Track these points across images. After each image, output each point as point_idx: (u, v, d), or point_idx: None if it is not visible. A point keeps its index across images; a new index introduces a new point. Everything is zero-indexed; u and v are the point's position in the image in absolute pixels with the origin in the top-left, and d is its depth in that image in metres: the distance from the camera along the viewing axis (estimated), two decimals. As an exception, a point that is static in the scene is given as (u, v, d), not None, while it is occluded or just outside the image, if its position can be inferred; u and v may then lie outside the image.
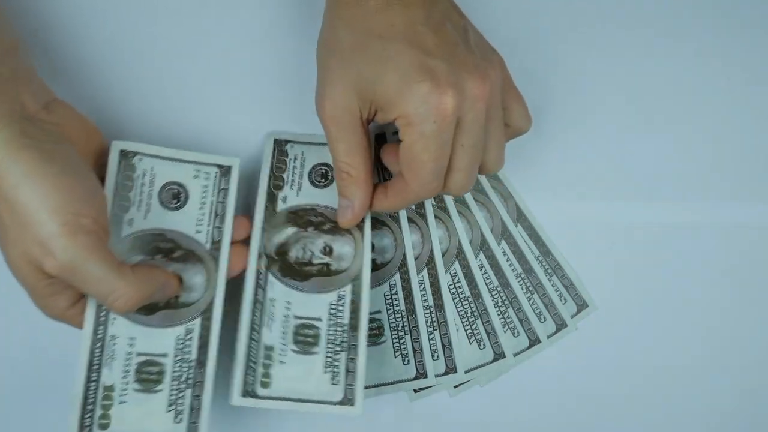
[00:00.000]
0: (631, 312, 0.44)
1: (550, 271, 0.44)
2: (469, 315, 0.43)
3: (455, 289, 0.43)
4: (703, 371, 0.44)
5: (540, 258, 0.44)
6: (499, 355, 0.43)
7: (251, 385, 0.37)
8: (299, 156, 0.41)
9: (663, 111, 0.45)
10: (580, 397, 0.44)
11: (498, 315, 0.43)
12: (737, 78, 0.46)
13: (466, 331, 0.43)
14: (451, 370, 0.42)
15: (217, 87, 0.43)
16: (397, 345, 0.42)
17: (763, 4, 0.46)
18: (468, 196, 0.44)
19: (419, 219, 0.43)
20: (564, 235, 0.45)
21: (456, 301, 0.43)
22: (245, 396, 0.37)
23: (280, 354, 0.38)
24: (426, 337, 0.42)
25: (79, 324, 0.35)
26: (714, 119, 0.46)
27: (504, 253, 0.44)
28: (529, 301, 0.44)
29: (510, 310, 0.44)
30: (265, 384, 0.37)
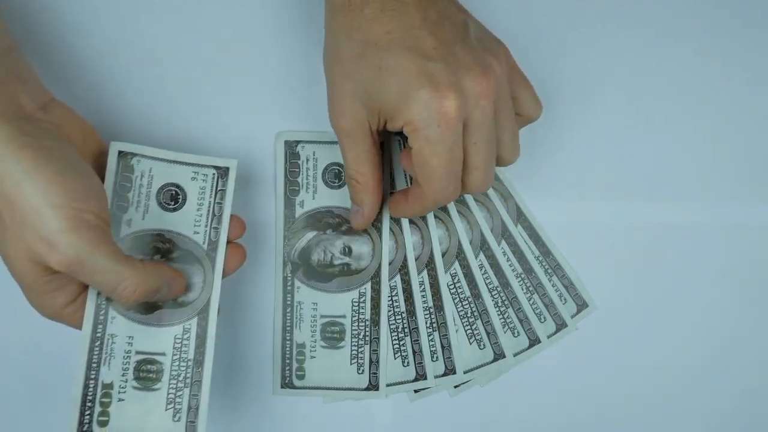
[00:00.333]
0: (631, 312, 0.44)
1: (550, 271, 0.44)
2: (469, 315, 0.43)
3: (455, 289, 0.43)
4: (703, 371, 0.44)
5: (540, 258, 0.44)
6: (499, 355, 0.43)
7: (288, 378, 0.41)
8: (311, 157, 0.43)
9: (663, 111, 0.45)
10: (580, 397, 0.44)
11: (498, 315, 0.43)
12: (737, 78, 0.46)
13: (466, 331, 0.43)
14: (450, 371, 0.42)
15: (215, 87, 0.44)
16: (397, 347, 0.42)
17: (763, 3, 0.46)
18: (468, 195, 0.44)
19: (419, 220, 0.43)
20: (564, 235, 0.45)
21: (456, 301, 0.43)
22: (284, 387, 0.41)
23: (311, 350, 0.42)
24: (426, 339, 0.42)
25: (75, 322, 0.36)
26: (714, 119, 0.46)
27: (504, 253, 0.44)
28: (529, 301, 0.44)
29: (510, 310, 0.44)
30: (300, 377, 0.41)
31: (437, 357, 0.42)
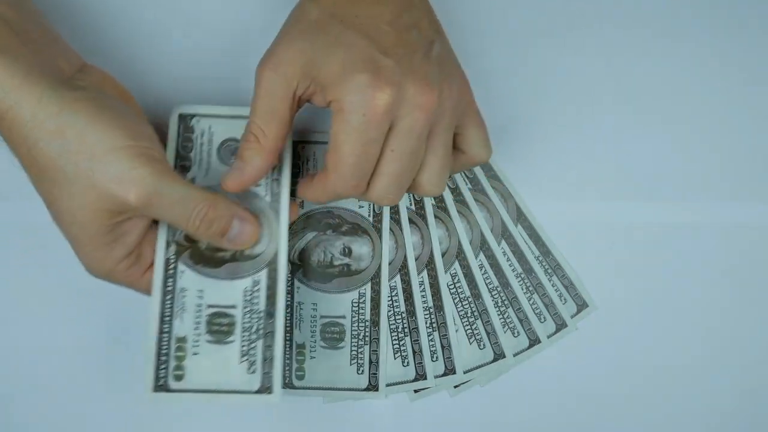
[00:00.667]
0: (631, 312, 0.44)
1: (550, 271, 0.44)
2: (469, 315, 0.43)
3: (455, 289, 0.43)
4: (703, 371, 0.44)
5: (540, 258, 0.44)
6: (499, 355, 0.43)
7: (288, 378, 0.41)
8: (311, 157, 0.43)
9: (663, 111, 0.45)
10: (580, 397, 0.44)
11: (498, 315, 0.43)
12: (736, 78, 0.46)
13: (466, 331, 0.43)
14: (450, 371, 0.42)
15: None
16: (397, 347, 0.42)
17: (761, 3, 0.46)
18: (468, 195, 0.44)
19: (419, 220, 0.43)
20: (564, 235, 0.45)
21: (456, 301, 0.43)
22: (284, 387, 0.41)
23: (311, 350, 0.42)
24: (425, 339, 0.42)
25: (126, 279, 0.36)
26: (714, 119, 0.45)
27: (504, 253, 0.44)
28: (529, 301, 0.44)
29: (510, 310, 0.44)
30: (300, 377, 0.41)
31: (437, 357, 0.42)
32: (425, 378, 0.42)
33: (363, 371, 0.41)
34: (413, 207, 0.44)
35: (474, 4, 0.45)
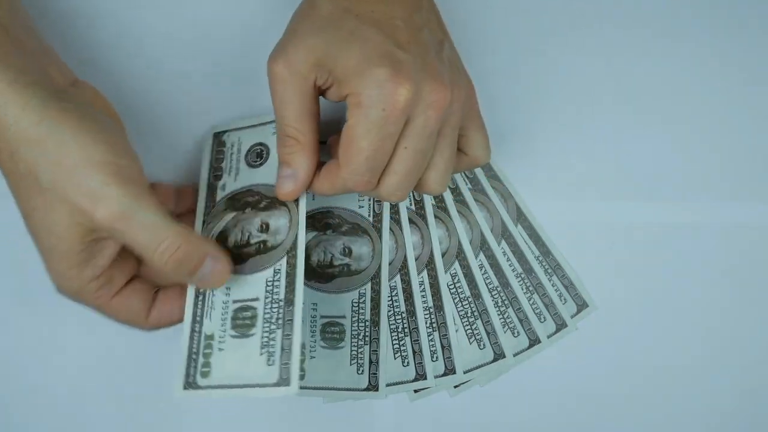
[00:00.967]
0: (631, 312, 0.44)
1: (550, 271, 0.44)
2: (469, 315, 0.43)
3: (455, 289, 0.43)
4: (703, 371, 0.44)
5: (540, 258, 0.44)
6: (499, 355, 0.43)
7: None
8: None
9: (662, 111, 0.45)
10: (580, 397, 0.44)
11: (498, 315, 0.43)
12: (736, 77, 0.46)
13: (466, 331, 0.43)
14: (450, 371, 0.42)
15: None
16: (397, 347, 0.42)
17: (762, 4, 0.46)
18: (468, 195, 0.44)
19: (419, 220, 0.43)
20: (564, 235, 0.45)
21: (456, 301, 0.43)
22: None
23: (311, 350, 0.41)
24: (426, 339, 0.42)
25: (94, 301, 0.35)
26: (713, 119, 0.46)
27: (504, 253, 0.44)
28: (529, 301, 0.44)
29: (510, 310, 0.44)
30: (301, 377, 0.41)
31: (437, 357, 0.42)
32: (425, 378, 0.42)
33: (363, 371, 0.41)
34: (413, 207, 0.44)
35: (474, 4, 0.45)
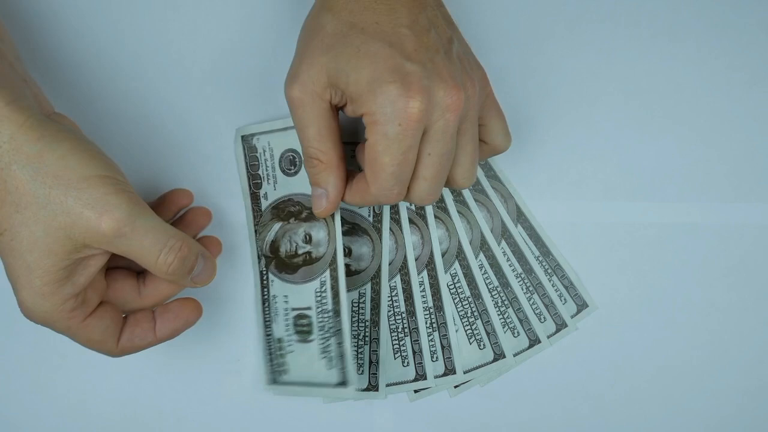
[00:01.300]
0: (631, 312, 0.44)
1: (550, 271, 0.44)
2: (469, 315, 0.43)
3: (455, 289, 0.43)
4: (703, 371, 0.44)
5: (540, 258, 0.44)
6: (499, 355, 0.43)
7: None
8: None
9: (663, 111, 0.45)
10: (580, 397, 0.44)
11: (498, 315, 0.43)
12: (737, 78, 0.46)
13: (466, 331, 0.43)
14: (450, 371, 0.42)
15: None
16: (397, 347, 0.42)
17: (762, 3, 0.46)
18: (468, 195, 0.44)
19: (419, 220, 0.43)
20: (564, 235, 0.45)
21: (456, 301, 0.43)
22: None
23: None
24: (425, 339, 0.42)
25: (66, 321, 0.34)
26: (714, 119, 0.45)
27: (504, 253, 0.44)
28: (529, 301, 0.44)
29: (510, 310, 0.44)
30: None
31: (437, 357, 0.42)
32: (425, 378, 0.42)
33: (363, 371, 0.42)
34: (413, 207, 0.44)
35: (474, 4, 0.45)
